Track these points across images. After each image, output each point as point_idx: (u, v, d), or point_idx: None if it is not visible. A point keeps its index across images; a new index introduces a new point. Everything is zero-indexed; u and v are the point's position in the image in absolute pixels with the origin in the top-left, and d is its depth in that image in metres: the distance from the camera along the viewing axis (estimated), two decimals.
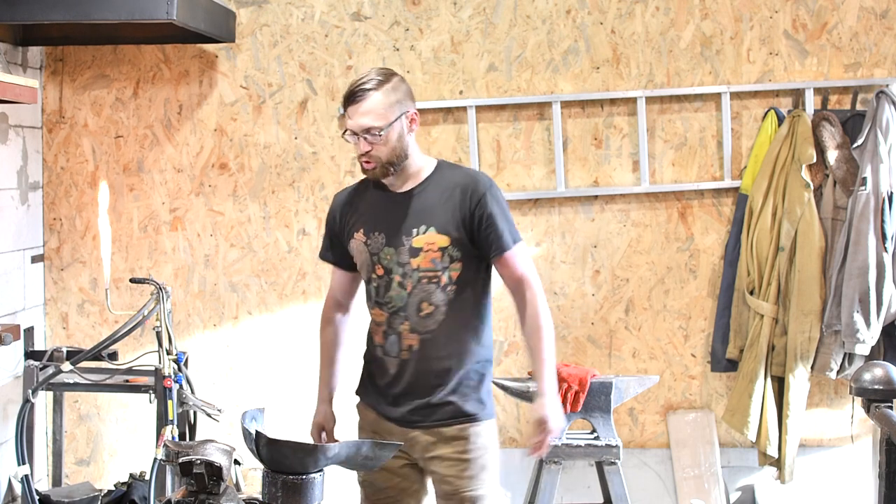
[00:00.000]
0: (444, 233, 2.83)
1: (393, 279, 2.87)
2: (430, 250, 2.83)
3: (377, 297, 2.92)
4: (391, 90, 2.79)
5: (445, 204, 2.84)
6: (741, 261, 4.25)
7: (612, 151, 4.38)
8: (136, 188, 4.46)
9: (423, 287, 2.84)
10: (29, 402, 3.64)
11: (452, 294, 2.84)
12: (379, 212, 2.91)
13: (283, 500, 2.50)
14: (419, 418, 2.90)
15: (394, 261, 2.86)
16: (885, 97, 4.11)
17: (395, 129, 2.80)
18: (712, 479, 4.35)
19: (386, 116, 2.78)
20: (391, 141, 2.80)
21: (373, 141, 2.79)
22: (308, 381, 4.46)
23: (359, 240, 2.92)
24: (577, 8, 4.35)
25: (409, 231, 2.85)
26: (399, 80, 2.84)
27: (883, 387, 2.67)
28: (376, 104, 2.77)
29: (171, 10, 3.49)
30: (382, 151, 2.81)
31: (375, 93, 2.77)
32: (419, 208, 2.87)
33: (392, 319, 2.89)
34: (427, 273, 2.84)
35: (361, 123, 2.78)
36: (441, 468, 2.90)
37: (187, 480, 2.41)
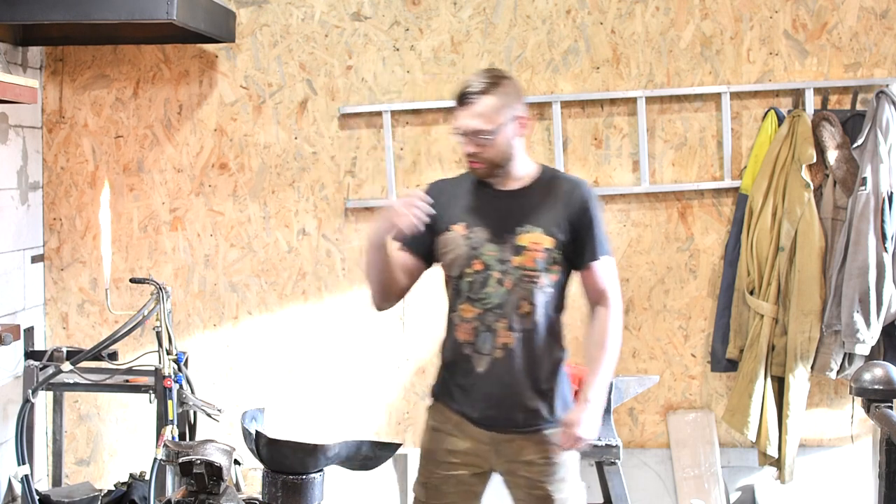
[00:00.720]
0: (550, 235, 2.84)
1: (491, 275, 2.84)
2: (534, 250, 2.83)
3: (470, 292, 2.87)
4: (502, 93, 2.79)
5: (552, 206, 2.85)
6: (741, 261, 4.25)
7: (612, 151, 4.38)
8: (136, 188, 4.46)
9: (523, 286, 2.83)
10: (29, 402, 3.64)
11: (549, 296, 2.86)
12: (483, 207, 2.89)
13: (283, 500, 2.50)
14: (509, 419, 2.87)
15: (495, 257, 2.84)
16: (885, 97, 4.11)
17: (503, 133, 2.80)
18: (712, 479, 4.35)
19: (495, 120, 2.78)
20: (499, 144, 2.80)
21: (481, 143, 2.79)
22: (308, 381, 4.48)
23: (458, 232, 2.88)
24: (577, 8, 4.35)
25: (514, 229, 2.84)
26: (510, 82, 2.84)
27: (883, 387, 2.67)
28: (486, 108, 2.77)
29: (171, 10, 3.49)
30: (490, 153, 2.81)
31: (486, 96, 2.77)
32: (525, 208, 2.86)
33: (486, 316, 2.85)
34: (528, 272, 2.83)
35: (471, 126, 2.79)
36: (529, 472, 2.88)
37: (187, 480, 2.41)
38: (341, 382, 4.47)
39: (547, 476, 2.87)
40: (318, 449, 2.52)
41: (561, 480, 2.88)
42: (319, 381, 4.46)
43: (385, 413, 4.48)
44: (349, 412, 4.46)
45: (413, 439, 4.45)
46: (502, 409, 2.86)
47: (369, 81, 4.39)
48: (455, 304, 2.91)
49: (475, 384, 2.87)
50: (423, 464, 2.97)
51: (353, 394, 4.46)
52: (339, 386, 4.46)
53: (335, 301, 4.45)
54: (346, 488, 4.20)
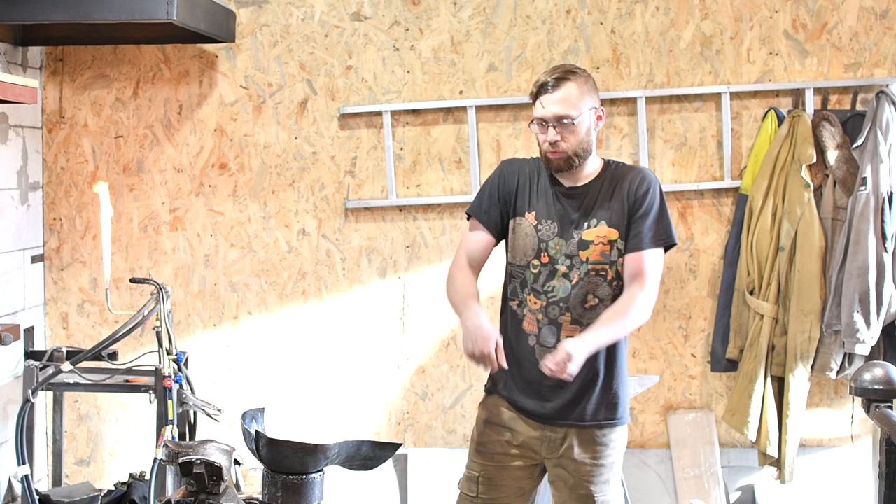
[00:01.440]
0: (614, 226, 2.85)
1: (557, 269, 2.85)
2: (600, 243, 2.85)
3: (535, 284, 2.89)
4: (583, 82, 2.84)
5: (614, 198, 2.87)
6: (741, 261, 4.25)
7: (612, 151, 4.37)
8: (136, 188, 4.46)
9: (590, 279, 2.84)
10: (29, 402, 3.64)
11: (618, 289, 2.86)
12: (552, 201, 2.91)
13: (283, 500, 2.50)
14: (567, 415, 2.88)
15: (562, 251, 2.86)
16: (885, 97, 4.11)
17: (584, 121, 2.84)
18: (712, 479, 4.35)
19: (578, 107, 2.82)
20: (580, 133, 2.83)
21: (563, 130, 2.81)
22: (308, 381, 4.48)
23: (530, 221, 2.91)
24: (577, 8, 4.35)
25: (580, 224, 2.87)
26: (587, 74, 2.89)
27: (883, 387, 2.67)
28: (571, 93, 2.81)
29: (171, 10, 3.49)
30: (571, 142, 2.83)
31: (570, 83, 2.82)
32: (590, 203, 2.88)
33: (550, 309, 2.86)
34: (596, 266, 2.85)
35: (555, 111, 2.81)
36: (579, 471, 2.89)
37: (187, 480, 2.40)
38: (341, 382, 4.47)
39: (593, 476, 2.88)
40: (318, 449, 2.51)
41: (605, 482, 2.89)
42: (319, 381, 4.46)
43: (385, 413, 4.48)
44: (349, 412, 4.46)
45: (413, 439, 4.45)
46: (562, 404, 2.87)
47: (369, 81, 4.39)
48: (518, 294, 2.92)
49: (536, 377, 2.86)
50: (473, 457, 2.99)
51: (353, 394, 4.46)
52: (339, 386, 4.47)
53: (335, 301, 4.45)
54: (346, 488, 4.20)
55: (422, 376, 4.44)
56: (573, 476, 2.90)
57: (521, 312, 2.91)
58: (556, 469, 2.93)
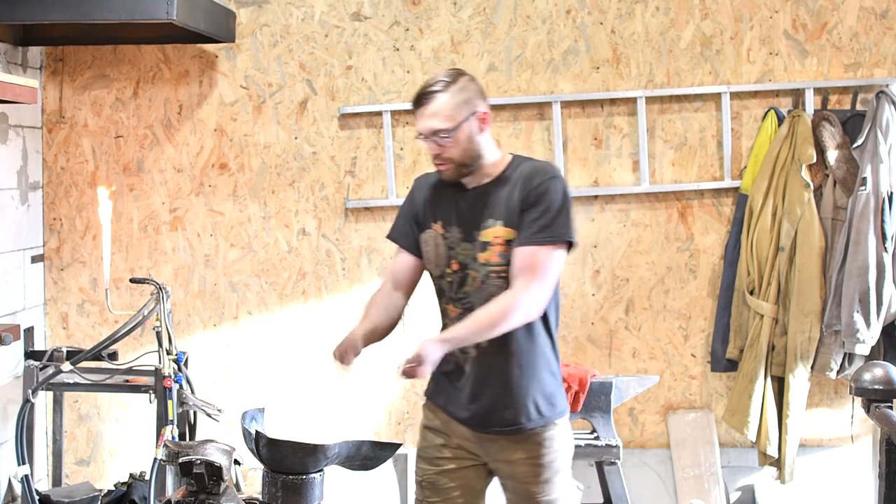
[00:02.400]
0: (510, 225, 2.77)
1: (468, 274, 2.82)
2: (496, 244, 2.78)
3: (451, 292, 2.87)
4: (458, 91, 2.77)
5: (511, 196, 2.79)
6: (741, 261, 4.25)
7: (612, 151, 4.38)
8: (136, 188, 4.46)
9: (491, 282, 2.79)
10: (29, 402, 3.64)
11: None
12: (455, 207, 2.87)
13: (283, 500, 2.50)
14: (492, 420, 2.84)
15: (469, 256, 2.82)
16: (885, 97, 4.11)
17: (463, 131, 2.77)
18: (712, 479, 4.35)
19: (453, 118, 2.76)
20: (461, 142, 2.77)
21: (442, 143, 2.77)
22: (308, 381, 4.48)
23: (437, 231, 2.88)
24: (577, 8, 4.35)
25: (480, 226, 2.81)
26: (468, 79, 2.82)
27: (883, 387, 2.67)
28: (443, 106, 2.75)
29: (171, 10, 3.49)
30: (454, 153, 2.78)
31: (442, 94, 2.76)
32: (489, 203, 2.83)
33: (466, 316, 2.81)
34: (495, 268, 2.79)
35: (430, 126, 2.77)
36: (514, 472, 2.86)
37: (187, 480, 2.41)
38: (341, 382, 4.46)
39: (532, 476, 2.84)
40: (318, 449, 2.51)
41: (546, 482, 2.85)
42: (319, 381, 4.46)
43: (385, 413, 4.48)
44: (349, 412, 4.45)
45: (413, 439, 4.44)
46: (484, 410, 2.83)
47: (369, 81, 4.39)
48: (441, 304, 2.93)
49: (460, 384, 2.86)
50: (417, 463, 2.99)
51: (353, 394, 4.45)
52: (339, 386, 4.46)
53: (335, 301, 4.45)
54: (346, 488, 4.20)
55: None
56: (511, 478, 2.87)
57: (444, 323, 2.92)
58: (497, 472, 2.91)
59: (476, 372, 2.83)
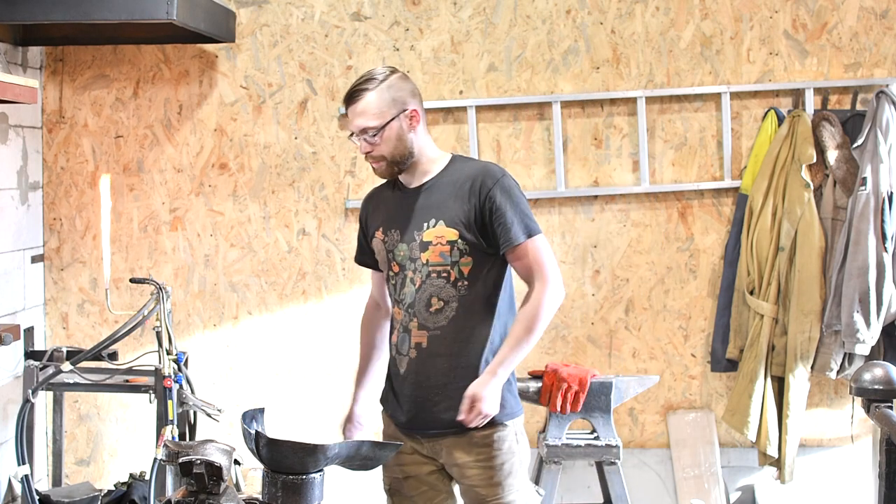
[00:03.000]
0: (453, 226, 2.77)
1: (406, 275, 2.82)
2: (438, 244, 2.77)
3: (394, 294, 2.88)
4: (386, 89, 2.77)
5: (455, 197, 2.79)
6: (741, 261, 4.25)
7: (612, 151, 4.38)
8: (136, 188, 4.46)
9: (432, 282, 2.78)
10: (29, 402, 3.64)
11: (464, 290, 2.77)
12: (394, 209, 2.88)
13: (283, 500, 2.50)
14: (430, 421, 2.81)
15: (406, 256, 2.81)
16: (885, 97, 4.11)
17: (392, 129, 2.77)
18: (712, 479, 4.35)
19: (381, 116, 2.76)
20: (390, 140, 2.78)
21: (371, 141, 2.78)
22: (308, 380, 4.48)
23: (379, 238, 2.89)
24: (577, 8, 4.35)
25: (420, 225, 2.81)
26: (398, 77, 2.82)
27: (883, 387, 2.67)
28: (370, 104, 2.76)
29: (171, 10, 3.49)
30: (384, 150, 2.79)
31: (370, 93, 2.76)
32: (430, 203, 2.82)
33: (404, 316, 2.83)
34: (436, 267, 2.77)
35: (358, 124, 2.79)
36: (466, 476, 2.82)
37: (187, 480, 2.40)
38: (341, 382, 4.46)
39: (482, 480, 2.80)
40: (318, 449, 2.51)
41: (498, 485, 2.79)
42: (319, 381, 4.46)
43: None
44: None
45: None
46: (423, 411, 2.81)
47: None
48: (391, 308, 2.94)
49: (400, 386, 2.86)
50: (382, 471, 2.96)
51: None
52: (339, 386, 4.46)
53: (335, 301, 4.45)
54: (346, 488, 4.20)
55: None
56: (463, 481, 2.83)
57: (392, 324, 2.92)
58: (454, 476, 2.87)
59: (413, 374, 2.82)
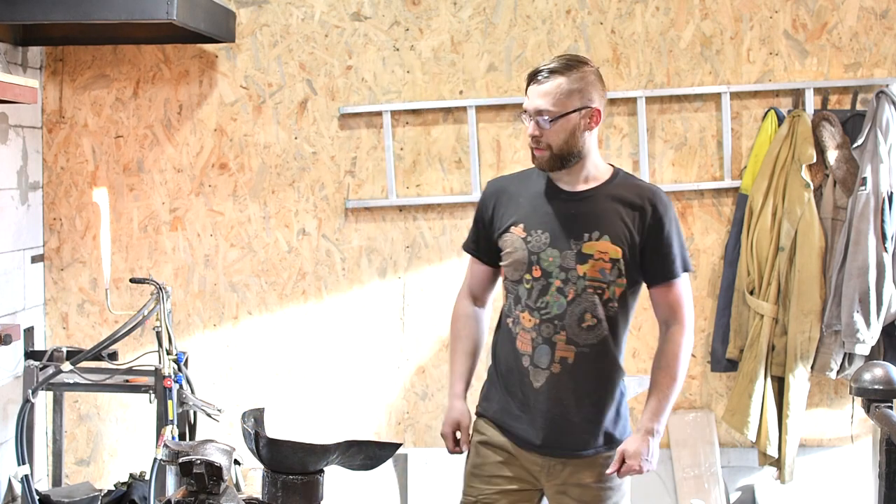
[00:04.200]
0: (618, 243, 2.63)
1: (552, 283, 2.65)
2: (600, 259, 2.63)
3: (528, 299, 2.69)
4: (577, 79, 2.61)
5: (622, 214, 2.65)
6: (741, 261, 4.25)
7: (612, 151, 4.38)
8: (136, 188, 4.46)
9: (587, 297, 2.64)
10: (29, 402, 3.64)
11: (613, 311, 2.67)
12: (544, 208, 2.70)
13: (283, 500, 2.50)
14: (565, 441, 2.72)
15: (556, 264, 2.64)
16: (885, 97, 4.11)
17: (570, 120, 2.61)
18: (712, 479, 4.35)
19: (563, 104, 2.60)
20: (563, 131, 2.62)
21: (543, 126, 2.61)
22: (308, 380, 4.48)
23: (516, 234, 2.70)
24: (577, 8, 4.35)
25: (581, 235, 2.64)
26: (591, 71, 2.66)
27: (883, 387, 2.66)
28: (555, 88, 2.59)
29: (171, 10, 3.49)
30: (553, 140, 2.63)
31: (559, 77, 2.60)
32: (593, 213, 2.65)
33: (544, 327, 2.67)
34: (593, 283, 2.63)
35: (536, 104, 2.62)
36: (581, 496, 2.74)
37: (187, 480, 2.40)
38: (341, 382, 4.47)
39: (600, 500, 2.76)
40: (318, 449, 2.51)
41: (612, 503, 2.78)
42: (319, 381, 4.46)
43: (385, 413, 4.48)
44: (349, 412, 4.46)
45: (413, 439, 4.45)
46: (559, 431, 2.71)
47: (369, 81, 4.39)
48: (513, 311, 2.75)
49: (531, 401, 2.72)
50: (468, 482, 2.84)
51: (353, 394, 4.45)
52: (339, 386, 4.46)
53: (335, 301, 4.45)
54: (346, 488, 4.20)
55: (422, 376, 4.44)
56: (579, 500, 2.75)
57: (514, 330, 2.74)
58: (558, 496, 2.77)
59: (554, 389, 2.69)
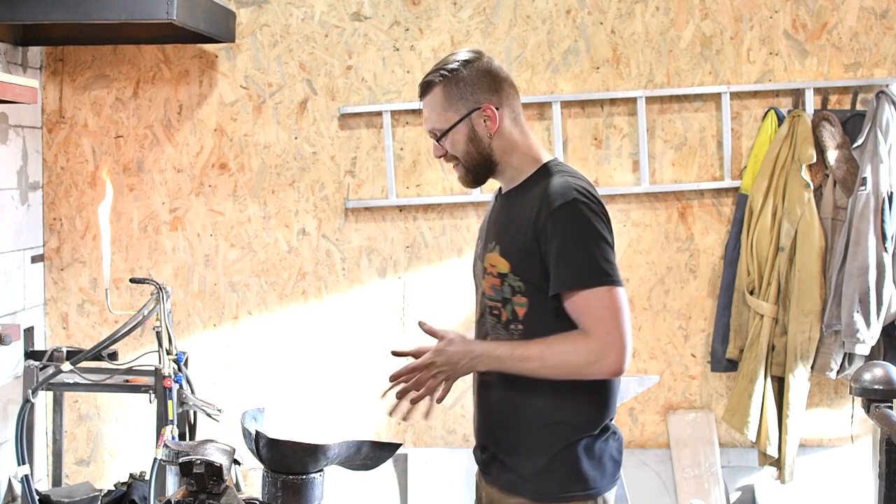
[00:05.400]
0: (506, 256, 2.25)
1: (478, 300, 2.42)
2: (491, 274, 2.29)
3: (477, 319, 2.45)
4: (451, 84, 2.27)
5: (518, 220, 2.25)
6: (741, 261, 4.25)
7: (612, 151, 4.38)
8: (136, 188, 4.46)
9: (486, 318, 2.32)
10: (29, 402, 3.64)
11: (518, 335, 2.26)
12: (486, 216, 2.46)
13: (283, 500, 2.50)
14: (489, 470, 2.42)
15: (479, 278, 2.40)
16: (885, 97, 4.11)
17: (460, 131, 2.28)
18: (712, 479, 4.35)
19: (446, 117, 2.29)
20: (461, 143, 2.29)
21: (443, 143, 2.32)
22: (308, 380, 4.48)
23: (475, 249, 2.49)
24: (577, 8, 4.35)
25: (487, 245, 2.34)
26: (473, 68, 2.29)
27: (883, 387, 2.67)
28: (435, 102, 2.29)
29: (171, 10, 3.49)
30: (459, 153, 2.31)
31: (434, 88, 2.29)
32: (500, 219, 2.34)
33: None
34: (490, 301, 2.30)
35: (427, 127, 2.34)
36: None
37: (187, 480, 2.41)
38: (341, 382, 4.46)
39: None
40: (318, 449, 2.51)
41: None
42: (319, 381, 4.46)
43: (385, 413, 4.47)
44: (349, 412, 4.46)
45: (413, 439, 4.45)
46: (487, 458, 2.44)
47: (369, 81, 4.39)
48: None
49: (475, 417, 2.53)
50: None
51: (353, 394, 4.45)
52: (339, 386, 4.46)
53: (335, 301, 4.45)
54: (346, 488, 4.20)
55: None
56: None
57: None
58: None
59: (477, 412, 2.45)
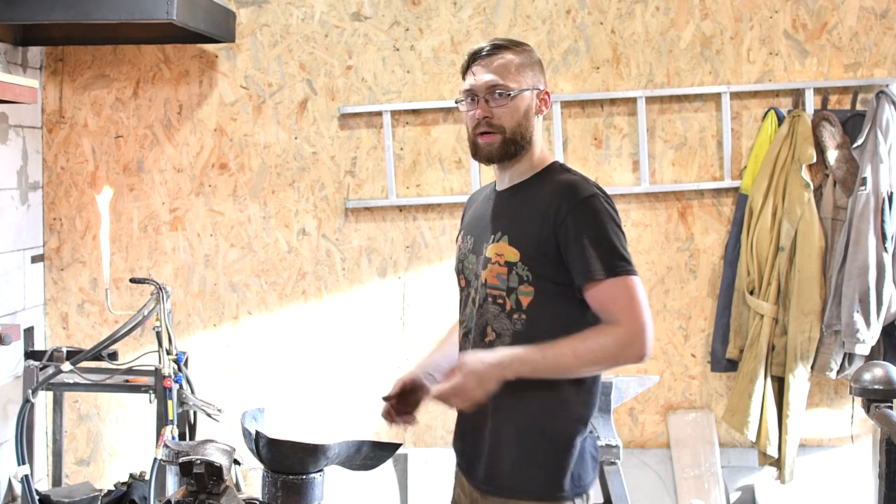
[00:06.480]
0: (516, 245, 2.27)
1: (469, 293, 2.38)
2: (496, 263, 2.28)
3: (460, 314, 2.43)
4: (526, 56, 2.35)
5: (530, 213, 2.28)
6: (741, 261, 4.25)
7: (612, 151, 4.38)
8: (136, 188, 4.46)
9: (487, 307, 2.30)
10: (29, 402, 3.65)
11: (521, 325, 2.26)
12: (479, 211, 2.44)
13: (283, 500, 2.50)
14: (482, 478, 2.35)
15: (473, 271, 2.37)
16: (885, 97, 4.11)
17: (524, 99, 2.32)
18: (712, 479, 4.35)
19: (518, 80, 2.31)
20: (518, 111, 2.30)
21: (497, 104, 2.29)
22: (308, 380, 4.48)
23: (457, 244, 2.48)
24: (577, 8, 4.35)
25: (489, 237, 2.34)
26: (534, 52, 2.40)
27: (883, 387, 2.67)
28: (509, 62, 2.31)
29: (171, 10, 3.49)
30: (507, 121, 2.30)
31: (508, 52, 2.33)
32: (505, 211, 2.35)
33: (464, 341, 2.39)
34: (493, 291, 2.29)
35: (487, 80, 2.30)
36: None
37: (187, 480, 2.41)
38: (341, 382, 4.47)
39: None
40: (318, 449, 2.51)
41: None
42: (319, 381, 4.46)
43: None
44: (349, 412, 4.46)
45: (413, 439, 4.45)
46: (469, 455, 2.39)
47: (369, 81, 4.39)
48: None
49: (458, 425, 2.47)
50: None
51: (353, 394, 4.46)
52: (339, 386, 4.46)
53: (335, 301, 4.45)
54: (346, 488, 4.20)
55: None
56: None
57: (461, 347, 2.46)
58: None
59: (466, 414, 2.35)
